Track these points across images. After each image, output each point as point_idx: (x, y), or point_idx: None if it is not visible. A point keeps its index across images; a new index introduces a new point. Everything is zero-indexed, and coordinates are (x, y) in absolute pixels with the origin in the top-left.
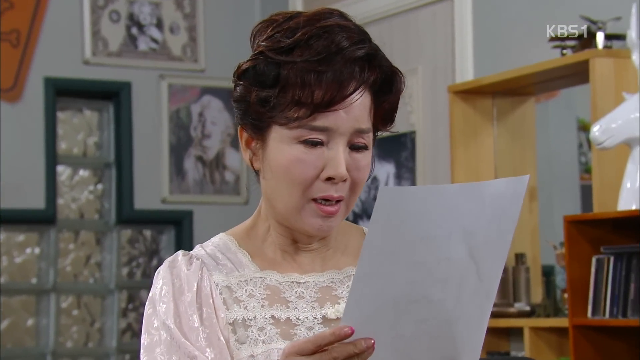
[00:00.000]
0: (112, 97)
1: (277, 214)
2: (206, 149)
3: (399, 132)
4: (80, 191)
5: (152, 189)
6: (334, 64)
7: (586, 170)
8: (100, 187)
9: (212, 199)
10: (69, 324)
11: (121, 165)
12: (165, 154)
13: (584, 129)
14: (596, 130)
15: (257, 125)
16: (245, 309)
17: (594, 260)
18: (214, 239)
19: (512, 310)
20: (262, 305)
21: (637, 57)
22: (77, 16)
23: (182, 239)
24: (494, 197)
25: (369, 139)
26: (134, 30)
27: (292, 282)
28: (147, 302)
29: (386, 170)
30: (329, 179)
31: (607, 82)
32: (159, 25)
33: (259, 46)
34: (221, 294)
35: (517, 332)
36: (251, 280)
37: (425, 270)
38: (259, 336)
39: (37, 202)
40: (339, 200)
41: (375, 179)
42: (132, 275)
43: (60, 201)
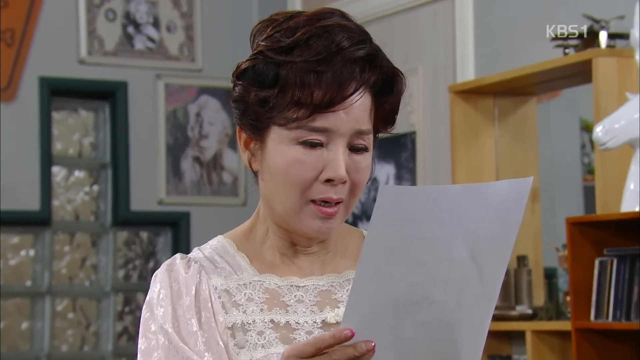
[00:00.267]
0: (108, 97)
1: (275, 216)
2: (203, 149)
3: (399, 132)
4: (75, 192)
5: (149, 190)
6: (334, 64)
7: (589, 171)
8: (96, 188)
9: (209, 201)
10: (64, 327)
11: (117, 166)
12: (162, 154)
13: (587, 129)
14: (599, 130)
15: (256, 125)
16: (244, 313)
17: (596, 262)
18: (212, 241)
19: (513, 313)
20: (261, 309)
21: None
22: (72, 15)
23: (179, 240)
24: (497, 199)
25: (369, 140)
26: (130, 29)
27: (292, 285)
28: (145, 306)
29: (386, 171)
30: (328, 180)
31: (610, 82)
32: (156, 24)
33: (259, 46)
34: (220, 297)
35: (519, 336)
36: (250, 283)
37: (426, 271)
38: (258, 340)
39: (32, 203)
40: (338, 202)
41: (375, 180)
42: (128, 277)
43: (55, 202)
